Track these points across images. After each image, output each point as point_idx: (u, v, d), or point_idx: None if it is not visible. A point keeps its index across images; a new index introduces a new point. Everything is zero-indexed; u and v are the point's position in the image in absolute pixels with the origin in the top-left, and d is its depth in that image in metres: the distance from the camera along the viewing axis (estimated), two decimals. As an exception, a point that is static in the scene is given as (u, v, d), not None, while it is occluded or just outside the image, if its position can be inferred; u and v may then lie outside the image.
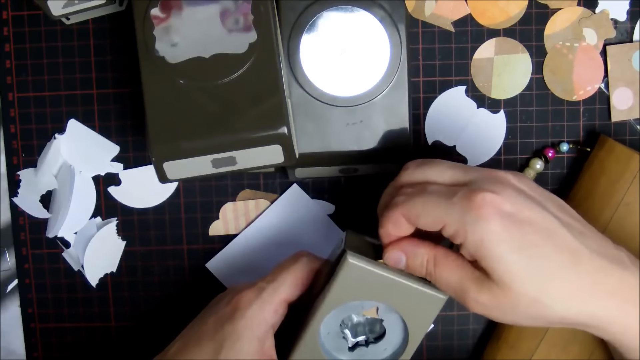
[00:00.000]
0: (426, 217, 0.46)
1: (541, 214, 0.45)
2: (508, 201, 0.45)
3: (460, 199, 0.45)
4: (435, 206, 0.46)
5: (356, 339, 0.52)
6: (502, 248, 0.44)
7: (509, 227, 0.44)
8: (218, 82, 0.52)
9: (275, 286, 0.51)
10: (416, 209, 0.46)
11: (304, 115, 0.56)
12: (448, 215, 0.45)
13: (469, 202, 0.45)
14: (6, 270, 0.65)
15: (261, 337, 0.50)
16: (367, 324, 0.52)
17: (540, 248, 0.45)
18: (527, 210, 0.45)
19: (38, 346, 0.65)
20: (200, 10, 0.53)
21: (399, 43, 0.56)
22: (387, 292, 0.49)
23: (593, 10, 0.61)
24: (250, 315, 0.50)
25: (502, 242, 0.44)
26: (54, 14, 0.57)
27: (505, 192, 0.45)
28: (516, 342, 0.60)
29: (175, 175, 0.53)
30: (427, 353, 0.64)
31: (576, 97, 0.62)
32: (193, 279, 0.64)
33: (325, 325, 0.51)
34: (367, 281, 0.48)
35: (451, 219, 0.45)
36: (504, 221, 0.44)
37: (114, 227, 0.64)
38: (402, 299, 0.49)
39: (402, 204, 0.47)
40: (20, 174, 0.63)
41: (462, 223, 0.45)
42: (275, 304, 0.51)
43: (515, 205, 0.45)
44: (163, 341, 0.54)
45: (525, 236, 0.44)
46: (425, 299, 0.49)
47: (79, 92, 0.63)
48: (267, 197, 0.63)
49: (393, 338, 0.51)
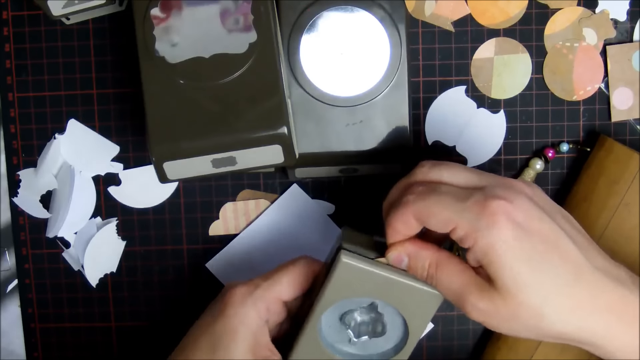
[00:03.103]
0: (438, 218, 0.46)
1: (550, 226, 0.45)
2: (521, 211, 0.45)
3: (474, 203, 0.45)
4: (448, 207, 0.46)
5: (359, 339, 0.52)
6: (510, 256, 0.44)
7: (520, 237, 0.44)
8: (218, 82, 0.52)
9: (270, 283, 0.51)
10: (429, 208, 0.46)
11: (304, 115, 0.56)
12: (460, 218, 0.45)
13: (482, 207, 0.45)
14: (6, 270, 0.65)
15: (255, 332, 0.50)
16: (370, 324, 0.52)
17: (547, 260, 0.45)
18: (538, 221, 0.45)
19: (38, 346, 0.65)
20: (200, 10, 0.53)
21: (399, 43, 0.56)
22: (384, 289, 0.49)
23: (593, 10, 0.61)
24: (244, 311, 0.50)
25: (511, 251, 0.44)
26: (54, 14, 0.57)
27: (518, 201, 0.45)
28: (516, 343, 0.60)
29: (175, 175, 0.53)
30: (427, 353, 0.64)
31: (576, 97, 0.62)
32: (193, 279, 0.64)
33: (325, 319, 0.51)
34: (363, 279, 0.49)
35: (463, 222, 0.45)
36: (516, 230, 0.44)
37: (114, 227, 0.64)
38: (399, 297, 0.49)
39: (413, 202, 0.47)
40: (20, 174, 0.63)
41: (474, 227, 0.45)
42: (268, 300, 0.51)
43: (527, 215, 0.45)
44: (163, 341, 0.54)
45: (535, 247, 0.45)
46: (423, 296, 0.49)
47: (79, 92, 0.63)
48: (267, 197, 0.63)
49: (394, 333, 0.52)
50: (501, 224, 0.44)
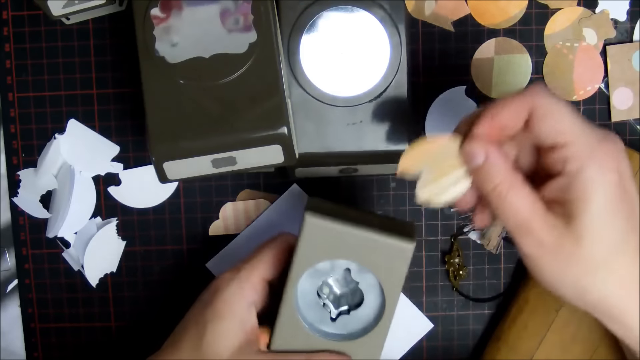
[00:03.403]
0: (556, 121, 0.43)
1: (636, 195, 0.45)
2: (625, 164, 0.44)
3: (595, 131, 0.43)
4: (572, 119, 0.43)
5: (339, 309, 0.52)
6: (603, 202, 0.43)
7: (619, 189, 0.43)
8: (218, 82, 0.52)
9: (253, 264, 0.52)
10: (554, 106, 0.43)
11: (304, 115, 0.56)
12: (579, 136, 0.43)
13: (603, 140, 0.43)
14: (6, 270, 0.65)
15: (242, 316, 0.50)
16: (349, 295, 0.52)
17: (630, 227, 0.44)
18: (631, 182, 0.45)
19: (38, 346, 0.65)
20: (200, 10, 0.53)
21: (399, 43, 0.56)
22: (353, 248, 0.49)
23: (593, 10, 0.61)
24: (229, 295, 0.51)
25: (608, 197, 0.43)
26: (54, 14, 0.57)
27: (624, 155, 0.45)
28: (516, 343, 0.60)
29: (175, 175, 0.53)
30: (427, 353, 0.64)
31: (576, 97, 0.62)
32: (193, 279, 0.64)
33: (302, 296, 0.51)
34: (331, 238, 0.49)
35: (581, 141, 0.43)
36: (620, 181, 0.43)
37: (114, 227, 0.64)
38: (368, 254, 0.49)
39: (537, 94, 0.44)
40: (20, 174, 0.63)
41: (589, 153, 0.43)
42: (252, 282, 0.51)
43: (627, 171, 0.44)
44: (163, 341, 0.54)
45: (625, 207, 0.44)
46: (392, 250, 0.49)
47: (79, 92, 0.63)
48: (267, 197, 0.63)
49: (372, 301, 0.51)
50: (612, 166, 0.43)
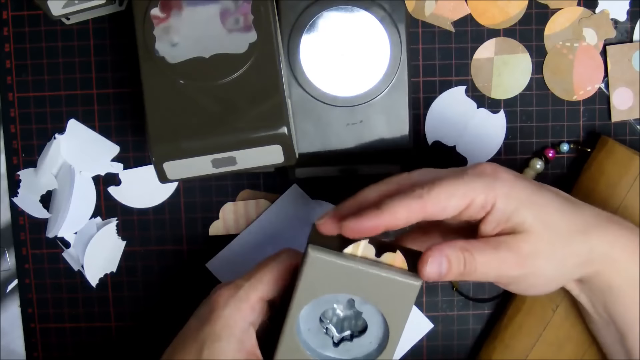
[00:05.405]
0: (455, 200, 0.47)
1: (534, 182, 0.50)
2: (512, 172, 0.49)
3: (472, 171, 0.48)
4: (458, 185, 0.47)
5: (342, 334, 0.50)
6: (527, 192, 0.48)
7: (518, 178, 0.48)
8: (218, 82, 0.52)
9: (253, 284, 0.50)
10: (441, 195, 0.47)
11: (304, 115, 0.56)
12: (472, 188, 0.47)
13: (481, 170, 0.48)
14: (6, 270, 0.65)
15: (240, 336, 0.49)
16: (353, 318, 0.50)
17: (545, 195, 0.49)
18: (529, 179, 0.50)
19: (38, 346, 0.65)
20: (200, 10, 0.53)
21: (399, 43, 0.56)
22: (357, 283, 0.47)
23: (593, 10, 0.61)
24: (227, 314, 0.49)
25: (523, 188, 0.48)
26: (54, 14, 0.57)
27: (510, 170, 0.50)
28: (512, 341, 0.60)
29: (175, 175, 0.53)
30: (427, 353, 0.64)
31: (576, 97, 0.62)
32: (193, 279, 0.64)
33: (304, 321, 0.49)
34: (334, 274, 0.47)
35: (475, 190, 0.47)
36: (514, 174, 0.49)
37: (114, 227, 0.64)
38: (374, 290, 0.47)
39: (426, 196, 0.47)
40: (20, 174, 0.63)
41: (488, 188, 0.47)
42: (252, 302, 0.50)
43: (523, 175, 0.50)
44: (163, 341, 0.54)
45: (531, 184, 0.49)
46: (399, 287, 0.47)
47: (79, 92, 0.63)
48: (267, 197, 0.63)
49: (375, 330, 0.49)
50: (502, 172, 0.48)
